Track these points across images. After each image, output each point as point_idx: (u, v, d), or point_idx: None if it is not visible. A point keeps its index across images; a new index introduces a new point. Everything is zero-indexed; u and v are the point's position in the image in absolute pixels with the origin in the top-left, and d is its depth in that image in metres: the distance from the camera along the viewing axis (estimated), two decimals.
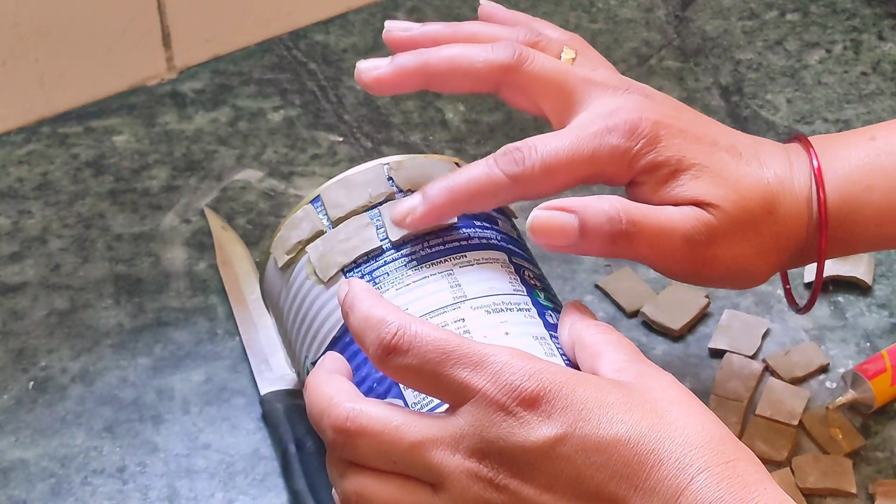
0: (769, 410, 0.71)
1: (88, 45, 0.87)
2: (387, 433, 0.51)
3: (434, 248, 0.60)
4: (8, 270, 0.79)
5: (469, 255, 0.60)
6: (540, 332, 0.57)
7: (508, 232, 0.64)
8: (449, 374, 0.50)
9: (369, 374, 0.57)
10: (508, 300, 0.58)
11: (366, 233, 0.61)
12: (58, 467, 0.69)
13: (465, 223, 0.61)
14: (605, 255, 0.60)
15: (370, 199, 0.62)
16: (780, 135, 0.88)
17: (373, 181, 0.62)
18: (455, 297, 0.57)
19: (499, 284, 0.58)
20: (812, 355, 0.74)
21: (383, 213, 0.61)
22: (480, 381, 0.50)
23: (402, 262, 0.59)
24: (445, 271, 0.58)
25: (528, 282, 0.60)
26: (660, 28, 0.96)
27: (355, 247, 0.60)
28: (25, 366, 0.74)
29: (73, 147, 0.87)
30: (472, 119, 0.89)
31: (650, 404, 0.51)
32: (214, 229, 0.81)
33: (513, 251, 0.62)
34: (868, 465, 0.70)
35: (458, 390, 0.50)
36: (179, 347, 0.75)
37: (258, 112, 0.90)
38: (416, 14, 0.98)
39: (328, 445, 0.53)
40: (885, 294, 0.78)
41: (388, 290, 0.58)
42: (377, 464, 0.52)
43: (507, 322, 0.56)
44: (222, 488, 0.68)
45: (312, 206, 0.63)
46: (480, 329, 0.56)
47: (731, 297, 0.78)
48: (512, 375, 0.50)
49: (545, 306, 0.59)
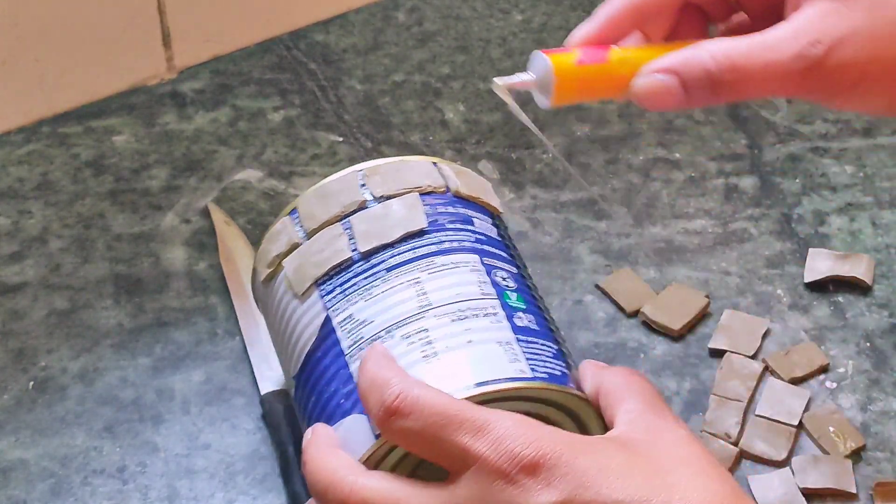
0: (769, 410, 0.71)
1: (88, 45, 0.87)
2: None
3: (403, 255, 0.59)
4: (8, 270, 0.79)
5: (438, 259, 0.59)
6: (505, 337, 0.56)
7: (485, 231, 0.63)
8: (450, 439, 0.50)
9: (337, 390, 0.57)
10: (475, 305, 0.57)
11: (338, 243, 0.60)
12: (58, 467, 0.69)
13: (436, 227, 0.60)
14: (718, 103, 0.58)
15: (343, 209, 0.61)
16: (780, 135, 0.89)
17: (346, 190, 0.62)
18: (421, 305, 0.57)
19: (466, 290, 0.58)
20: (812, 355, 0.74)
21: (354, 223, 0.61)
22: (482, 447, 0.50)
23: (372, 271, 0.59)
24: (413, 280, 0.58)
25: (499, 284, 0.59)
26: None
27: (327, 258, 0.60)
28: (25, 366, 0.74)
29: (73, 147, 0.87)
30: (472, 119, 0.89)
31: (653, 465, 0.51)
32: (218, 224, 0.81)
33: (486, 252, 0.61)
34: (868, 465, 0.70)
35: (459, 456, 0.50)
36: (179, 347, 0.75)
37: (258, 112, 0.90)
38: (416, 14, 0.98)
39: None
40: (885, 294, 0.78)
41: (358, 301, 0.58)
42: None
43: (470, 329, 0.56)
44: (222, 488, 0.68)
45: (290, 218, 0.63)
46: (443, 339, 0.56)
47: (731, 297, 0.78)
48: (513, 442, 0.50)
49: (515, 308, 0.58)
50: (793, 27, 0.55)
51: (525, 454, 0.49)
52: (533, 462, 0.49)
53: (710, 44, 0.56)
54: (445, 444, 0.50)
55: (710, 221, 0.83)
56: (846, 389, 0.73)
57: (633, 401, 0.54)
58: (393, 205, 0.61)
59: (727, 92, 0.56)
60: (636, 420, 0.53)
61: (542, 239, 0.81)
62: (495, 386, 0.54)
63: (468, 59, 0.94)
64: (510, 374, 0.55)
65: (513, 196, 0.84)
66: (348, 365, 0.57)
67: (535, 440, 0.50)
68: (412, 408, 0.51)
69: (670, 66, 0.56)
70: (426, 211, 0.61)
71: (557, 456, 0.49)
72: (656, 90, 0.56)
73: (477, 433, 0.50)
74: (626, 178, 0.85)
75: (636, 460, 0.51)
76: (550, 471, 0.49)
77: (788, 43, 0.55)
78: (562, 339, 0.60)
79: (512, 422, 0.50)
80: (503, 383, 0.54)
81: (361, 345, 0.57)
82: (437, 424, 0.50)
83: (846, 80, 0.55)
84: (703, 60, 0.55)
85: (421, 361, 0.55)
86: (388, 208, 0.61)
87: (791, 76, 0.55)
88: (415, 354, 0.55)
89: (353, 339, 0.57)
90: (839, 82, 0.55)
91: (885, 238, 0.81)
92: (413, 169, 0.63)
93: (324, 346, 0.59)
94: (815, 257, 0.80)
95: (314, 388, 0.59)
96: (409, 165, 0.63)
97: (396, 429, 0.51)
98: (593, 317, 0.77)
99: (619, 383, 0.55)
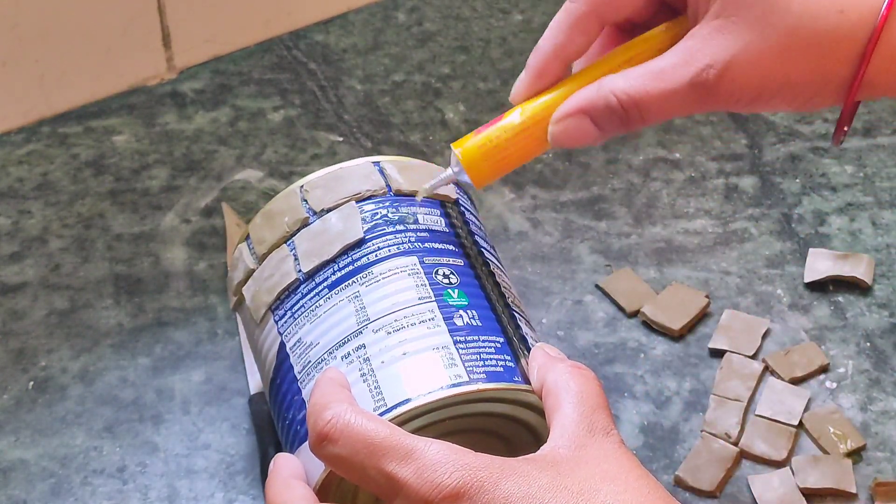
0: (769, 410, 0.71)
1: (88, 45, 0.87)
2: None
3: (344, 269, 0.59)
4: (8, 270, 0.79)
5: (376, 269, 0.58)
6: (442, 342, 0.56)
7: (430, 226, 0.61)
8: (376, 466, 0.51)
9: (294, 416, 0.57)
10: (411, 312, 0.57)
11: (284, 266, 0.60)
12: (58, 467, 0.69)
13: (375, 234, 0.60)
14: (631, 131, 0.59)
15: (288, 229, 0.61)
16: (780, 134, 0.89)
17: (288, 209, 0.61)
18: (359, 321, 0.57)
19: (403, 297, 0.57)
20: (812, 355, 0.74)
21: (297, 243, 0.60)
22: (406, 474, 0.50)
23: (316, 291, 0.59)
24: (352, 295, 0.58)
25: (439, 283, 0.58)
26: None
27: (276, 283, 0.60)
28: (25, 366, 0.74)
29: (73, 147, 0.87)
30: (472, 119, 0.89)
31: (579, 484, 0.51)
32: (229, 226, 0.81)
33: (428, 250, 0.60)
34: (868, 465, 0.70)
35: (385, 483, 0.51)
36: (179, 347, 0.75)
37: (258, 112, 0.90)
38: (416, 14, 0.98)
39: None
40: (885, 294, 0.78)
41: (305, 324, 0.58)
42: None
43: (405, 341, 0.56)
44: (222, 488, 0.68)
45: (245, 244, 0.63)
46: (379, 355, 0.56)
47: (731, 297, 0.78)
48: (434, 472, 0.50)
49: (456, 306, 0.58)
50: (684, 51, 0.56)
51: (446, 483, 0.50)
52: (455, 491, 0.50)
53: (609, 81, 0.57)
54: (371, 471, 0.51)
55: (710, 221, 0.83)
56: (846, 389, 0.73)
57: (568, 407, 0.54)
58: (331, 218, 0.60)
59: (637, 122, 0.58)
60: (566, 433, 0.53)
61: (542, 239, 0.81)
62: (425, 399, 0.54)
63: (468, 59, 0.94)
64: (445, 382, 0.54)
65: (513, 196, 0.84)
66: (301, 391, 0.57)
67: (458, 469, 0.50)
68: (340, 434, 0.52)
69: (579, 108, 0.58)
70: (364, 218, 0.60)
71: (479, 484, 0.50)
72: (572, 133, 0.58)
73: (401, 461, 0.51)
74: (626, 178, 0.85)
75: (561, 481, 0.51)
76: (472, 499, 0.50)
77: (681, 71, 0.56)
78: (514, 327, 0.59)
79: (437, 449, 0.51)
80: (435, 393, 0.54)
81: (309, 369, 0.57)
82: (363, 452, 0.51)
83: (744, 98, 0.56)
84: (608, 99, 0.57)
85: (359, 381, 0.55)
86: (327, 223, 0.60)
87: (689, 102, 0.57)
88: (354, 375, 0.55)
89: (302, 364, 0.57)
90: (738, 100, 0.57)
91: (885, 238, 0.81)
92: (351, 175, 0.62)
93: (281, 372, 0.59)
94: (815, 257, 0.80)
95: (279, 414, 0.59)
96: (348, 172, 0.62)
97: (327, 455, 0.52)
98: (593, 317, 0.77)
99: (560, 384, 0.55)
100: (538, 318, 0.76)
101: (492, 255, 0.63)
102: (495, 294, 0.60)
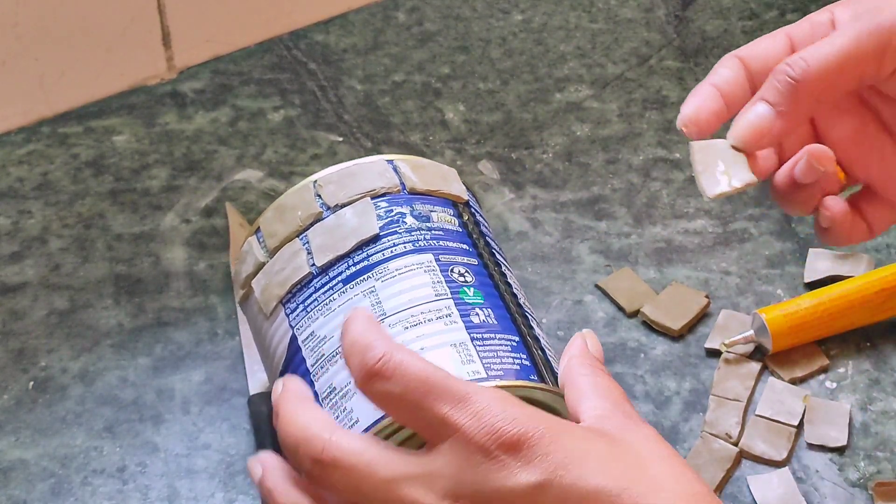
0: (769, 410, 0.71)
1: (88, 45, 0.87)
2: (359, 467, 0.50)
3: (359, 264, 0.59)
4: (8, 270, 0.79)
5: (392, 265, 0.58)
6: (459, 338, 0.56)
7: (444, 226, 0.61)
8: (430, 407, 0.49)
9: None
10: (428, 308, 0.57)
11: (297, 260, 0.60)
12: (58, 467, 0.69)
13: (389, 231, 0.60)
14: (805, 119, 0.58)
15: (300, 223, 0.61)
16: None
17: (302, 203, 0.61)
18: (375, 316, 0.57)
19: (420, 293, 0.57)
20: (812, 355, 0.74)
21: (310, 237, 0.60)
22: (462, 418, 0.49)
23: (330, 285, 0.59)
24: (368, 289, 0.58)
25: (454, 281, 0.58)
26: (660, 28, 0.96)
27: (288, 277, 0.60)
28: (25, 366, 0.74)
29: (73, 147, 0.87)
30: (472, 119, 0.89)
31: (633, 457, 0.50)
32: (233, 226, 0.81)
33: (443, 248, 0.60)
34: (868, 465, 0.70)
35: (437, 425, 0.49)
36: (179, 347, 0.75)
37: (258, 112, 0.90)
38: (416, 14, 0.98)
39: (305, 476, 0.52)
40: None
41: (318, 318, 0.58)
42: (351, 497, 0.51)
43: (422, 336, 0.56)
44: (222, 488, 0.68)
45: (255, 238, 0.63)
46: None
47: (731, 296, 0.78)
48: (494, 418, 0.49)
49: (472, 304, 0.58)
50: None
51: (506, 430, 0.48)
52: (514, 439, 0.48)
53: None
54: (425, 411, 0.49)
55: (710, 221, 0.83)
56: (846, 389, 0.73)
57: (600, 400, 0.53)
58: (346, 213, 0.60)
59: (807, 102, 0.55)
60: (608, 416, 0.52)
61: (542, 239, 0.81)
62: None
63: (468, 59, 0.94)
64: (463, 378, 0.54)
65: (513, 196, 0.84)
66: (314, 383, 0.57)
67: (517, 418, 0.49)
68: (394, 371, 0.50)
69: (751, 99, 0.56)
70: (379, 214, 0.60)
71: (540, 436, 0.48)
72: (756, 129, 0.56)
73: (458, 404, 0.49)
74: (626, 178, 0.85)
75: (616, 450, 0.50)
76: (531, 450, 0.48)
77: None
78: (528, 327, 0.59)
79: (494, 397, 0.49)
80: None
81: (322, 362, 0.57)
82: (419, 391, 0.49)
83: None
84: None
85: None
86: (341, 218, 0.60)
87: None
88: None
89: (315, 357, 0.57)
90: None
91: (885, 238, 0.81)
92: (366, 172, 0.62)
93: (292, 365, 0.59)
94: (815, 257, 0.80)
95: None
96: (362, 168, 0.62)
97: (377, 391, 0.50)
98: (593, 317, 0.77)
99: (587, 381, 0.54)
100: (538, 318, 0.76)
101: (501, 256, 0.63)
102: (508, 294, 0.60)
